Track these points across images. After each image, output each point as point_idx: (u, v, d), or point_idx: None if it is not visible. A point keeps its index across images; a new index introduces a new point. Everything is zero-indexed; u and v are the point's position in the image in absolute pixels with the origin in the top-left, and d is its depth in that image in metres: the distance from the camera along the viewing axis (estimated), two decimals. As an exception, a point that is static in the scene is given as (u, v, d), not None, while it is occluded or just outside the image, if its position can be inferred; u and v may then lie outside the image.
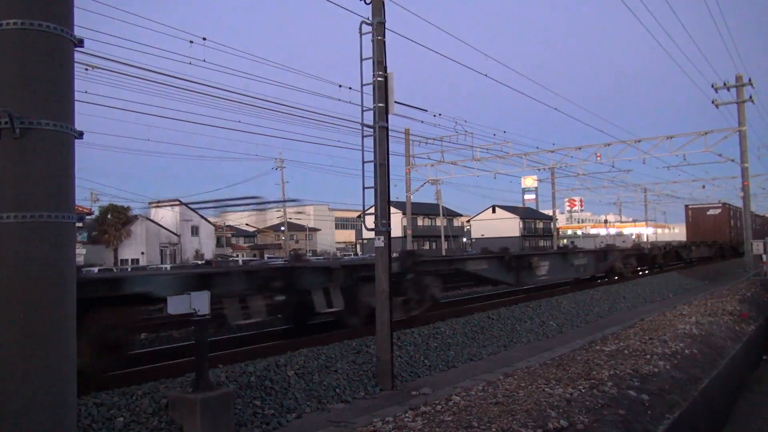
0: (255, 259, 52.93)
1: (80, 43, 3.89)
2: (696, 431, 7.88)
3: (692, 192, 54.00)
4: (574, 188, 59.70)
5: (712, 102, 28.85)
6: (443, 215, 60.09)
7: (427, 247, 76.71)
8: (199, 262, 37.43)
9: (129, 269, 36.42)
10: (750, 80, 27.91)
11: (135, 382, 6.76)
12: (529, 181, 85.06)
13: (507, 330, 11.96)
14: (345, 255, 67.97)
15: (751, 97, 27.95)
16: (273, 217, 71.49)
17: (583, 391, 6.96)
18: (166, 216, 61.42)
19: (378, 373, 8.13)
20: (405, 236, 42.38)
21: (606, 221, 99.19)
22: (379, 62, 8.45)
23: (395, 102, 8.77)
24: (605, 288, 19.15)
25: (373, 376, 8.17)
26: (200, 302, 6.00)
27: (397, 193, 38.87)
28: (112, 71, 16.20)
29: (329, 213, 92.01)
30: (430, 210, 71.60)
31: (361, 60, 8.52)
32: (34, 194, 3.56)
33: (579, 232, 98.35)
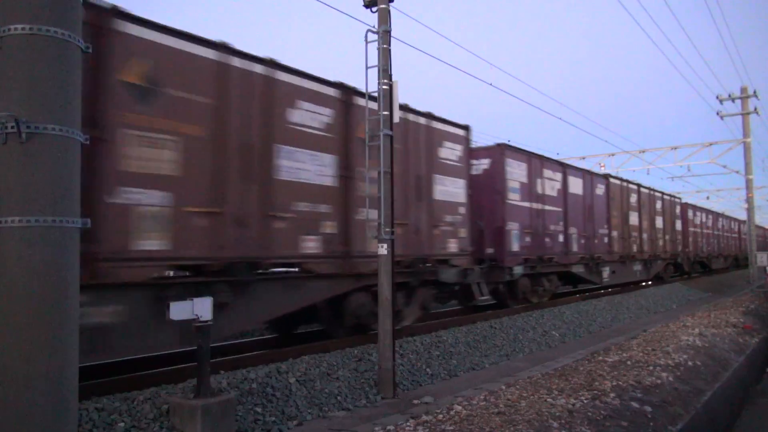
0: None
1: (87, 49, 3.92)
2: (699, 444, 7.83)
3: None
4: (577, 198, 59.41)
5: (717, 113, 28.87)
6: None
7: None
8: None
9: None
10: (755, 92, 27.93)
11: (136, 387, 6.76)
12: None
13: (509, 339, 11.92)
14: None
15: (756, 109, 27.99)
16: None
17: (585, 401, 6.93)
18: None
19: (380, 381, 8.10)
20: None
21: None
22: (385, 70, 8.46)
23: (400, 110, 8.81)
24: (608, 298, 19.10)
25: (374, 384, 8.14)
26: (203, 308, 5.99)
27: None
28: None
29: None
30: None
31: (366, 68, 8.54)
32: (39, 198, 3.57)
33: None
